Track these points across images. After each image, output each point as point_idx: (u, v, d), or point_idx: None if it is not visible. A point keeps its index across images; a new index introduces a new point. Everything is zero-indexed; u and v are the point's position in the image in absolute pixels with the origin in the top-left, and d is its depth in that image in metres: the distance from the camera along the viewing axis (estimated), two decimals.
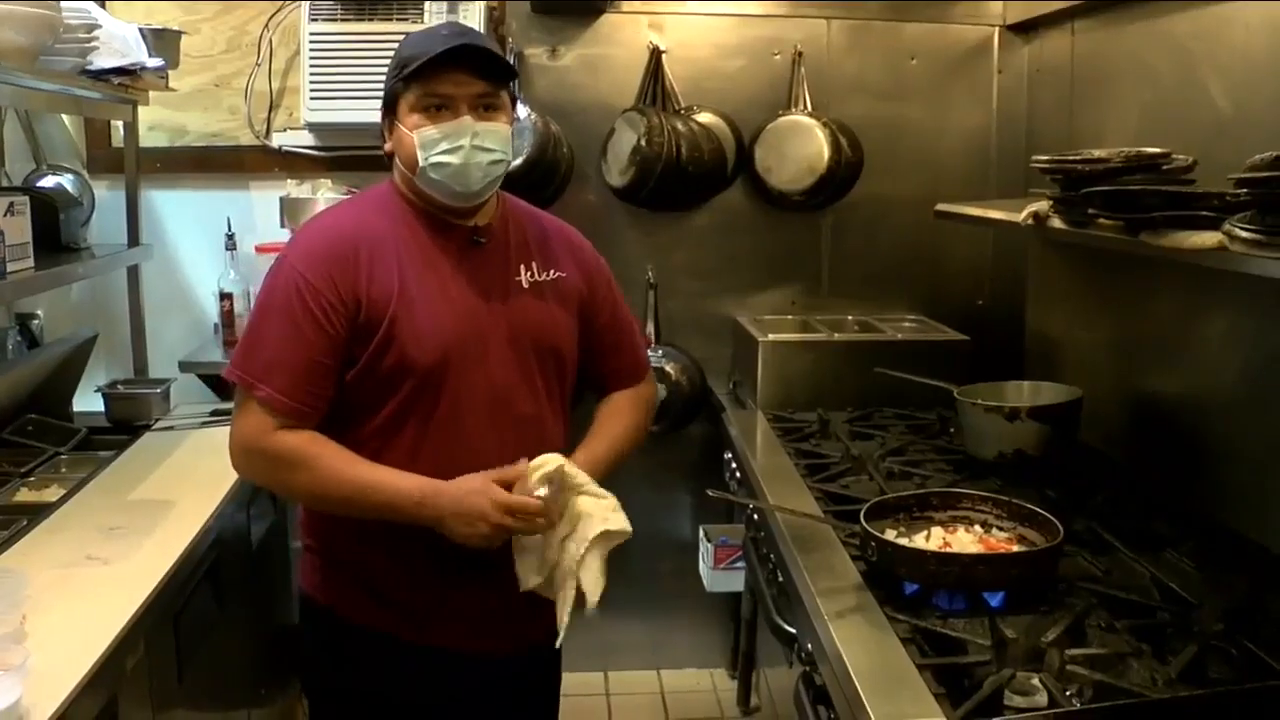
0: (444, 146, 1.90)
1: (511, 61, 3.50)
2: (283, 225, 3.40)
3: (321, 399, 1.92)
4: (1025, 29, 3.61)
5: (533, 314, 2.04)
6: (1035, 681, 1.55)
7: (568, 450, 2.03)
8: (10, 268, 2.46)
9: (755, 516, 2.70)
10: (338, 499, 1.92)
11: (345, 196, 3.36)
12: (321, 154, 3.62)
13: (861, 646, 1.74)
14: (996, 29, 3.68)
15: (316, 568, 2.09)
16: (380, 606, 2.01)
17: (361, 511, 1.93)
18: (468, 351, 1.95)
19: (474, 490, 1.87)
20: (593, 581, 1.92)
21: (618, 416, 2.20)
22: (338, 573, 2.05)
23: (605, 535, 1.91)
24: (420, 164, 1.92)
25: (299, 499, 2.08)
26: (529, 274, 2.06)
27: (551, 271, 2.09)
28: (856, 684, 1.62)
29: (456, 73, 1.90)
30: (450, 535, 1.88)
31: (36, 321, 3.51)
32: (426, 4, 3.45)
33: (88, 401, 3.33)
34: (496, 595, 2.00)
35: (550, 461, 1.90)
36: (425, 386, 1.93)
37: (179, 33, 3.35)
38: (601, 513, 1.92)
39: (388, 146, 2.00)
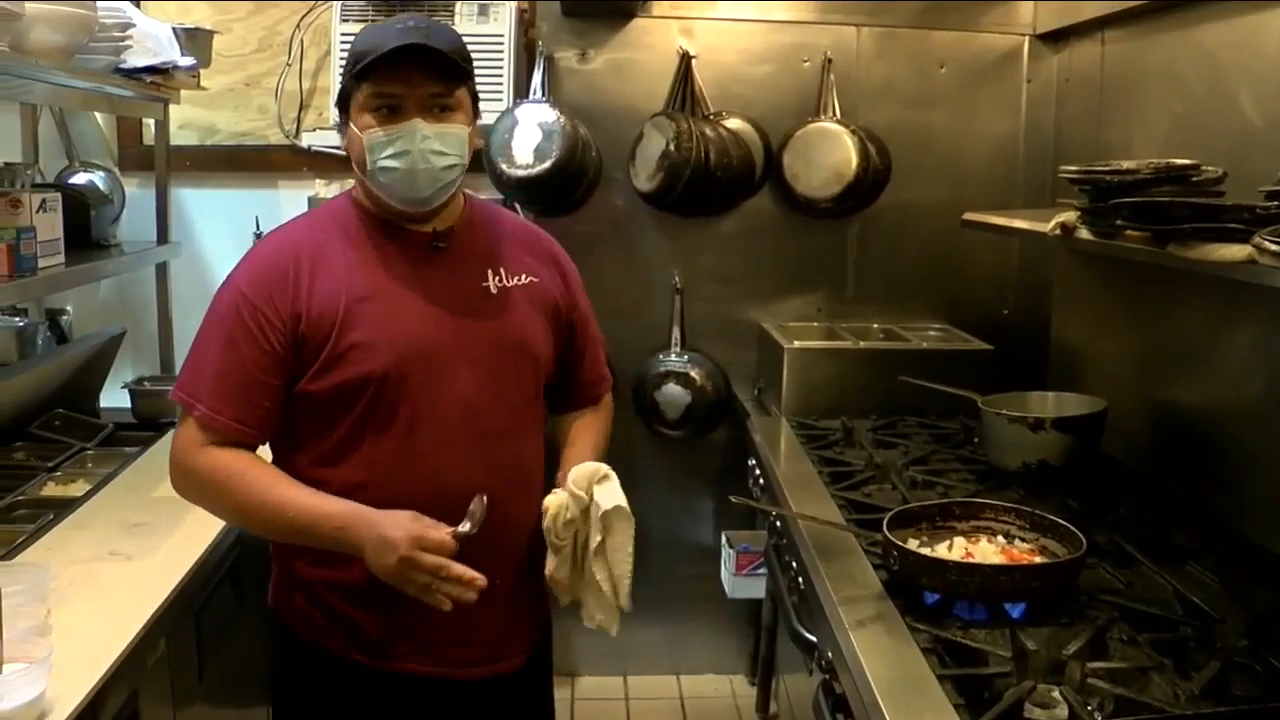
0: (392, 150, 1.82)
1: (540, 62, 3.51)
2: None
3: (260, 417, 1.85)
4: (1055, 38, 3.59)
5: (503, 321, 1.95)
6: (1056, 694, 1.55)
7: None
8: (41, 263, 2.49)
9: (778, 523, 2.70)
10: (260, 520, 1.85)
11: None
12: None
13: (882, 656, 1.73)
14: (1026, 38, 3.66)
15: (279, 584, 2.02)
16: (338, 628, 1.92)
17: (284, 535, 1.87)
18: (430, 362, 1.87)
19: (396, 523, 1.75)
20: (618, 564, 1.91)
21: (591, 433, 2.13)
22: (297, 591, 1.96)
23: (615, 512, 1.87)
24: (369, 167, 1.84)
25: (228, 519, 2.00)
26: (497, 279, 1.97)
27: (523, 276, 2.00)
28: (876, 693, 1.62)
29: (408, 72, 1.80)
30: (371, 567, 1.77)
31: (66, 317, 3.55)
32: (457, 5, 3.46)
33: (115, 398, 3.36)
34: (463, 619, 1.84)
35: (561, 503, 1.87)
36: (381, 399, 1.84)
37: (211, 32, 3.38)
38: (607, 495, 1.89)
39: (343, 144, 1.91)
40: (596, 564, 1.91)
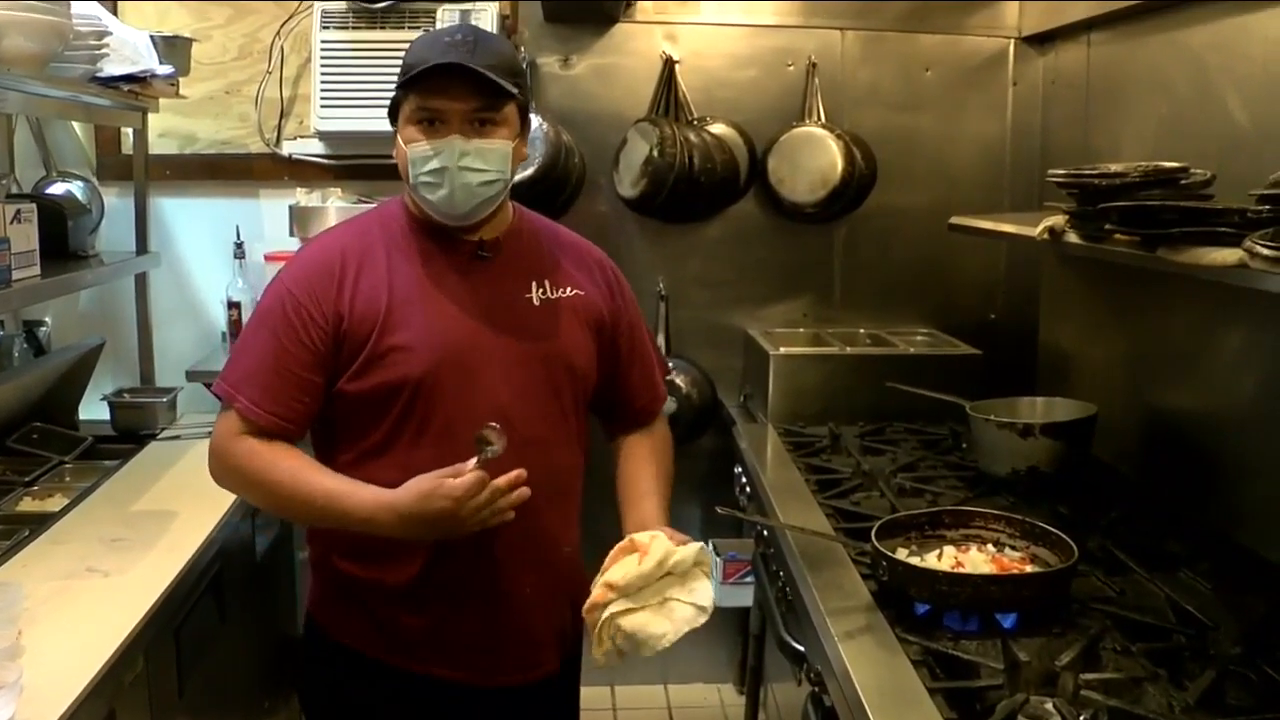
0: (431, 166, 1.83)
1: (524, 69, 3.48)
2: (292, 234, 3.38)
3: (299, 413, 1.86)
4: (1041, 40, 3.58)
5: (544, 332, 1.95)
6: (1049, 706, 1.52)
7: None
8: (16, 275, 2.45)
9: (765, 532, 2.68)
10: (292, 509, 1.90)
11: (354, 205, 3.36)
12: (331, 162, 3.61)
13: (871, 668, 1.71)
14: (1012, 40, 3.65)
15: (316, 585, 2.04)
16: (374, 630, 1.94)
17: (318, 523, 1.91)
18: (466, 369, 1.87)
19: (423, 499, 1.73)
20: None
21: (651, 471, 2.13)
22: (334, 592, 1.99)
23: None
24: (411, 180, 1.87)
25: (264, 508, 2.04)
26: (541, 291, 1.98)
27: (568, 289, 2.01)
28: (866, 706, 1.60)
29: (451, 86, 1.81)
30: (418, 540, 1.83)
31: (44, 329, 3.51)
32: (439, 11, 3.43)
33: (94, 410, 3.32)
34: (494, 626, 1.94)
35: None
36: (417, 404, 1.85)
37: (190, 40, 3.35)
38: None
39: (395, 154, 1.92)
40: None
